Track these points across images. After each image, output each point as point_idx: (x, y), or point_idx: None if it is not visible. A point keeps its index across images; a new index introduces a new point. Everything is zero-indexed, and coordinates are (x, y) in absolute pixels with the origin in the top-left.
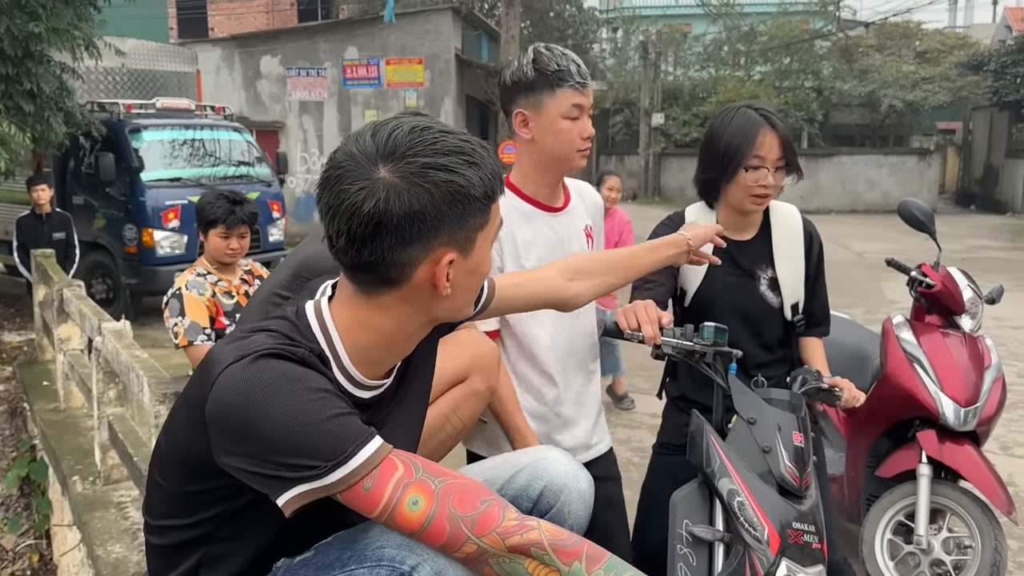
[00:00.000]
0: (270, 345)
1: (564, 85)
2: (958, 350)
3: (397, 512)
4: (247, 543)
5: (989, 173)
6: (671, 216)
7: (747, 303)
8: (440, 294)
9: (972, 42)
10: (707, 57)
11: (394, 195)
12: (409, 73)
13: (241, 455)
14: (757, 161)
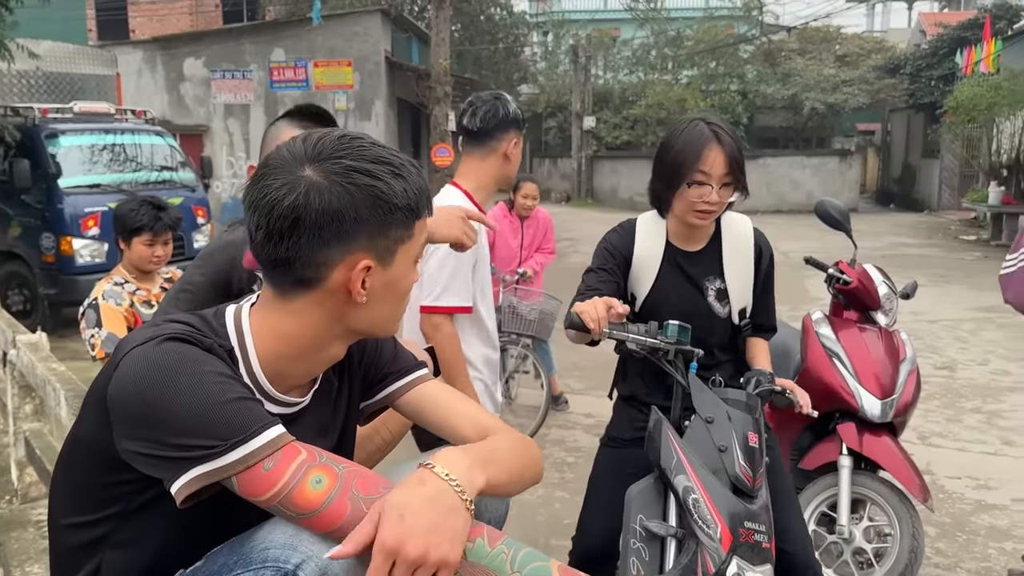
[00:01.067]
0: (178, 330)
1: (519, 127)
2: (875, 344)
3: (296, 491)
4: (143, 548)
5: (907, 173)
6: (622, 225)
7: (694, 312)
8: (355, 301)
9: (889, 46)
10: (636, 61)
11: (315, 192)
12: (338, 75)
13: (139, 438)
14: (702, 177)
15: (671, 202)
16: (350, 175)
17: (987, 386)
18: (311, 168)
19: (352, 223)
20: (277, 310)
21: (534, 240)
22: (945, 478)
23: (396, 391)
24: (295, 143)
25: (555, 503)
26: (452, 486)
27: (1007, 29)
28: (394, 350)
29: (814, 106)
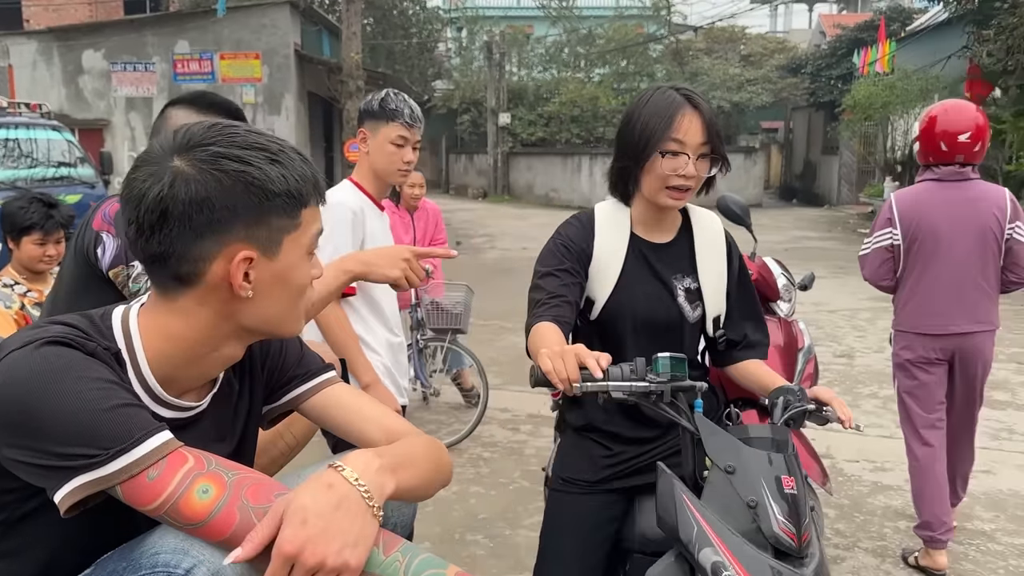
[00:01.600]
0: (59, 333)
1: (396, 120)
2: (775, 334)
3: (182, 501)
4: (30, 558)
5: (808, 169)
6: (578, 216)
7: (662, 315)
8: (238, 296)
9: (791, 46)
10: (549, 59)
11: (180, 181)
12: (245, 68)
13: (19, 446)
14: (676, 146)
15: (639, 180)
16: (217, 161)
17: (883, 372)
18: (180, 158)
19: (224, 212)
20: (163, 310)
21: (426, 233)
22: (844, 461)
23: (301, 395)
24: (167, 135)
25: (470, 499)
26: (360, 491)
27: (900, 31)
28: (300, 352)
29: (720, 104)
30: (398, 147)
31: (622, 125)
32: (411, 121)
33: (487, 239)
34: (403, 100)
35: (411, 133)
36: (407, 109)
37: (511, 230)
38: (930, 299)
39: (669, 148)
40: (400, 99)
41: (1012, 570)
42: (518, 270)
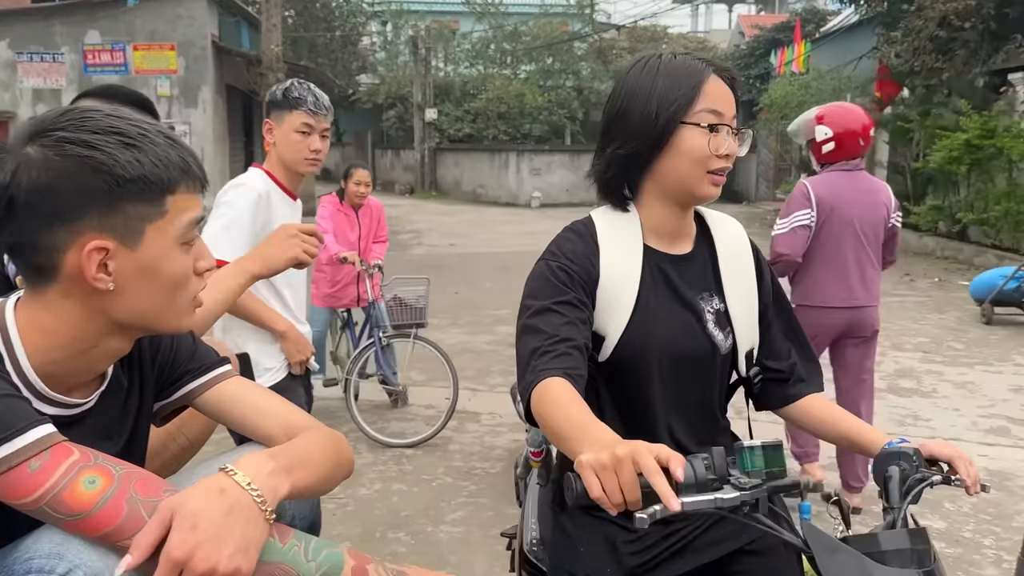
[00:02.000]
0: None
1: (300, 108)
2: None
3: (67, 491)
4: None
5: None
6: (574, 228)
7: (690, 348)
8: (96, 288)
9: (711, 46)
10: (475, 54)
11: (23, 168)
12: (160, 60)
13: None
14: (713, 117)
15: (654, 170)
16: (62, 147)
17: None
18: (30, 145)
19: (72, 199)
20: (33, 304)
21: (371, 230)
22: None
23: (194, 390)
24: (26, 123)
25: (393, 496)
26: (253, 496)
27: (815, 32)
28: (193, 346)
29: None
30: (303, 135)
31: (617, 102)
32: (315, 108)
33: (414, 235)
34: (307, 88)
35: (316, 121)
36: (311, 96)
37: (438, 226)
38: (841, 275)
39: (703, 120)
40: (304, 87)
41: None
42: (446, 266)
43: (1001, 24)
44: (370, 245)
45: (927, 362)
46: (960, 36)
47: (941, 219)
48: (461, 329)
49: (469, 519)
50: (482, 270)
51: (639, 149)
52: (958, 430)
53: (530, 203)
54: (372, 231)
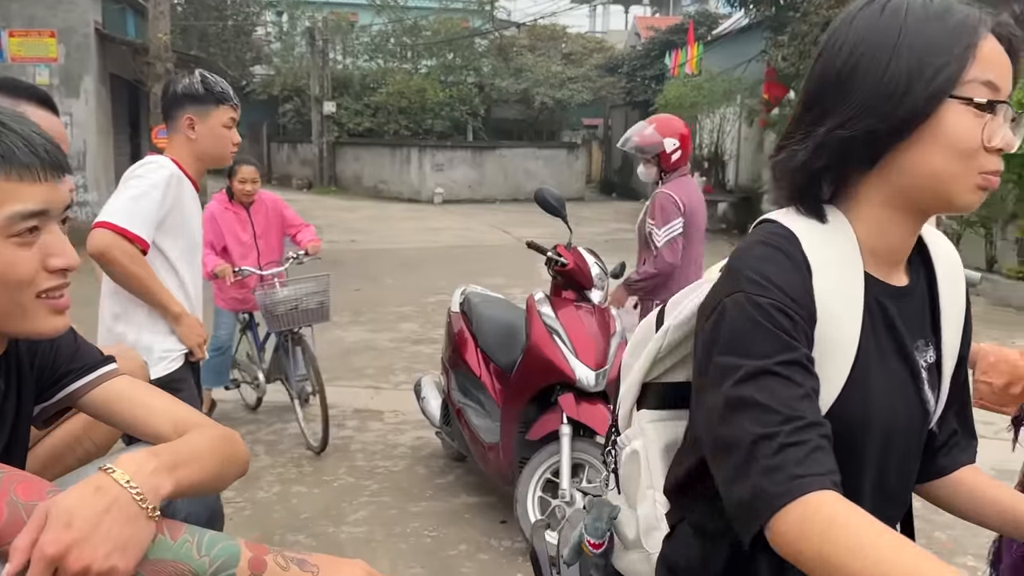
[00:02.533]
0: None
1: (226, 103)
2: (589, 321)
3: None
4: None
5: (626, 164)
6: (773, 241)
7: (904, 417)
8: None
9: (608, 46)
10: (375, 48)
11: None
12: (39, 47)
13: None
14: (989, 92)
15: (887, 164)
16: None
17: None
18: None
19: None
20: None
21: (269, 227)
22: None
23: (78, 390)
24: None
25: (292, 498)
26: (132, 494)
27: (707, 35)
28: (74, 346)
29: (544, 101)
30: (228, 129)
31: (840, 60)
32: (237, 102)
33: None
34: (223, 81)
35: (236, 114)
36: (231, 90)
37: (338, 222)
38: (695, 277)
39: (981, 94)
40: (222, 81)
41: None
42: (347, 263)
43: None
44: (272, 243)
45: None
46: None
47: None
48: (363, 327)
49: (371, 519)
50: (384, 267)
51: (875, 131)
52: None
53: (433, 199)
54: (272, 228)
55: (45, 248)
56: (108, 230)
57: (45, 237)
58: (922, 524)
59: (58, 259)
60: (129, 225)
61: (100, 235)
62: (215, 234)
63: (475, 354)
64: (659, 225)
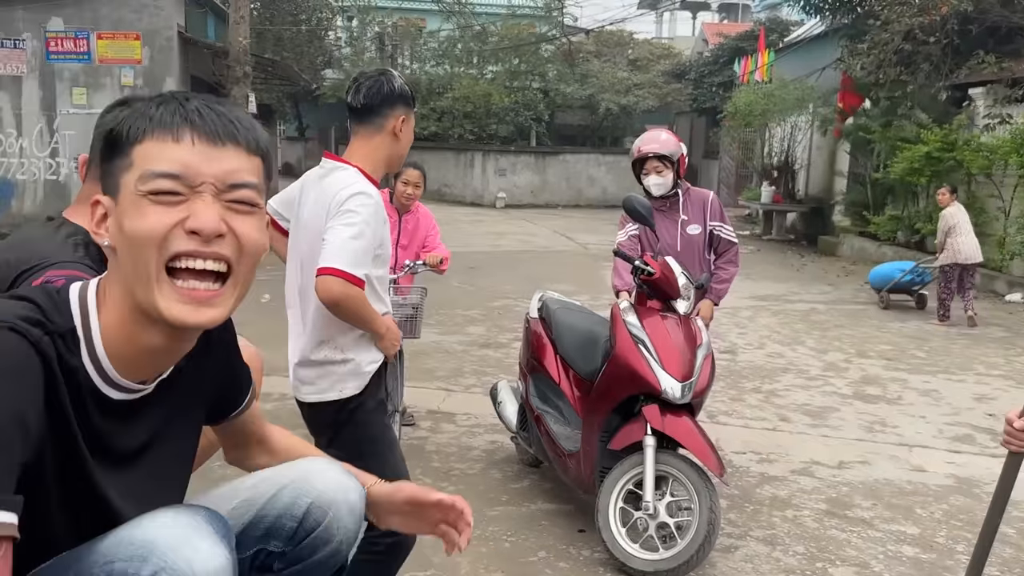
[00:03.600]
0: (19, 314)
1: (415, 107)
2: (675, 331)
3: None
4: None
5: (690, 172)
6: None
7: None
8: (111, 255)
9: (675, 53)
10: (442, 53)
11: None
12: (125, 49)
13: None
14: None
15: None
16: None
17: (764, 367)
18: None
19: (95, 160)
20: (109, 280)
21: (413, 240)
22: (732, 453)
23: (229, 423)
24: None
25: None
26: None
27: (779, 42)
28: (248, 379)
29: (609, 107)
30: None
31: None
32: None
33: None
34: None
35: None
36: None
37: None
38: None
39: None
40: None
41: (891, 554)
42: None
43: (964, 40)
44: (409, 257)
45: (891, 369)
46: (924, 50)
47: (900, 229)
48: (432, 328)
49: None
50: (449, 270)
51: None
52: (925, 437)
53: (495, 203)
54: (415, 242)
55: (188, 212)
56: (338, 277)
57: (192, 204)
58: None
59: (194, 220)
60: (354, 269)
61: (332, 283)
62: None
63: (554, 361)
64: (728, 224)
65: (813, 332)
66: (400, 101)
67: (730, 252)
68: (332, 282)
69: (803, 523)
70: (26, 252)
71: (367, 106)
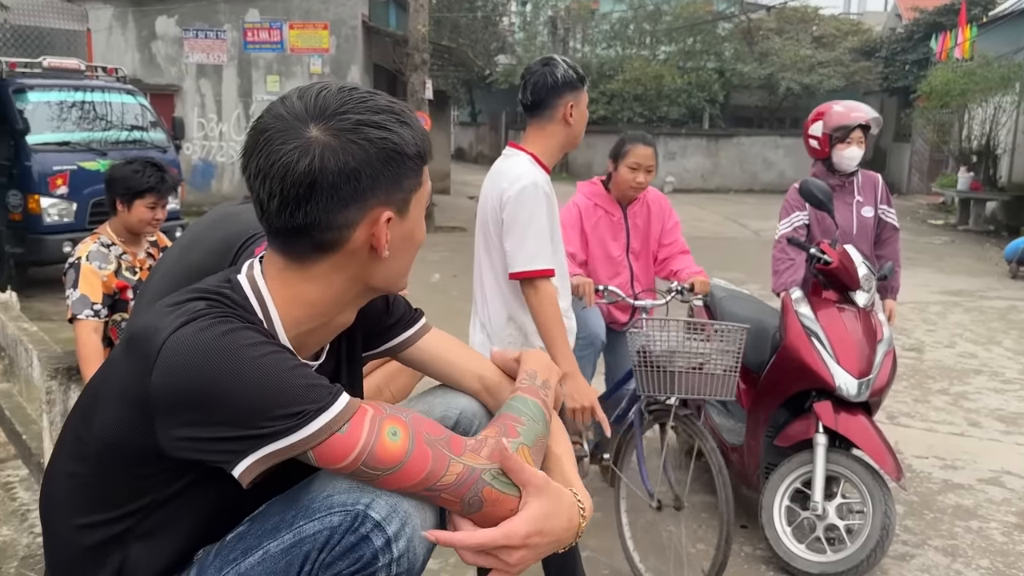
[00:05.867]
0: (215, 312)
1: (586, 83)
2: (852, 324)
3: (378, 446)
4: (170, 537)
5: (878, 156)
6: None
7: None
8: (379, 257)
9: (865, 29)
10: (614, 35)
11: (329, 152)
12: (314, 38)
13: (198, 424)
14: None
15: None
16: (360, 130)
17: (954, 368)
18: (317, 127)
19: (368, 179)
20: (295, 278)
21: (647, 239)
22: (913, 457)
23: (399, 344)
24: (290, 100)
25: None
26: (582, 524)
27: (982, 16)
28: (394, 301)
29: (790, 86)
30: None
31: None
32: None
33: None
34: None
35: None
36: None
37: None
38: None
39: None
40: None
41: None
42: None
43: None
44: (647, 264)
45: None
46: None
47: None
48: None
49: (608, 505)
50: None
51: None
52: None
53: (663, 187)
54: (651, 240)
55: None
56: (543, 277)
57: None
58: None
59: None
60: (549, 264)
61: (543, 285)
62: (573, 240)
63: None
64: (892, 209)
65: (1012, 332)
66: (566, 89)
67: (893, 239)
68: (543, 284)
69: (989, 536)
70: (237, 225)
71: (535, 101)
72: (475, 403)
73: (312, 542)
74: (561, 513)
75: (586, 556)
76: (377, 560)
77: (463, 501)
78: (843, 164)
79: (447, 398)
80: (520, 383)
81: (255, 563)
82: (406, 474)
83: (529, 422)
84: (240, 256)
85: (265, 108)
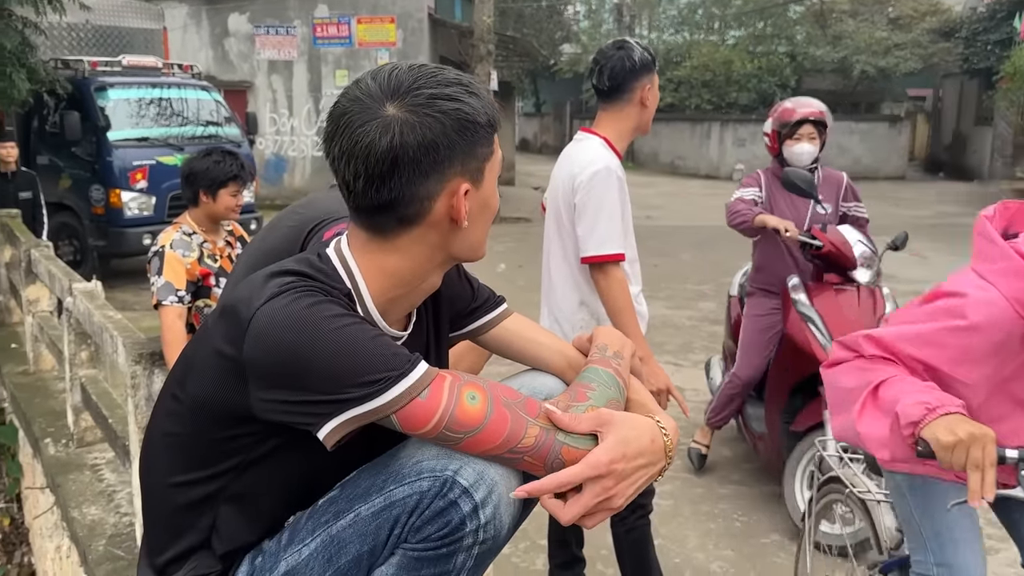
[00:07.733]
0: (302, 286)
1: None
2: (849, 304)
3: (458, 410)
4: (260, 498)
5: (957, 140)
6: None
7: None
8: (459, 227)
9: (944, 9)
10: (681, 21)
11: (407, 128)
12: (381, 32)
13: (285, 387)
14: None
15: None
16: (434, 103)
17: None
18: (392, 105)
19: (446, 150)
20: (378, 251)
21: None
22: None
23: (483, 325)
24: (364, 82)
25: None
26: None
27: None
28: (477, 284)
29: (864, 69)
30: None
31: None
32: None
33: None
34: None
35: None
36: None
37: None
38: None
39: None
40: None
41: None
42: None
43: None
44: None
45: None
46: None
47: None
48: (662, 303)
49: (678, 493)
50: (680, 243)
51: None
52: None
53: (732, 175)
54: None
55: None
56: (614, 262)
57: None
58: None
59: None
60: (620, 248)
61: (612, 270)
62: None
63: None
64: (862, 204)
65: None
66: (643, 71)
67: (864, 231)
68: (612, 268)
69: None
70: (311, 211)
71: (613, 86)
72: (560, 384)
73: (402, 506)
74: (641, 435)
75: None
76: (464, 525)
77: (546, 464)
78: (793, 159)
79: (532, 378)
80: (592, 356)
81: (346, 525)
82: (487, 436)
83: (600, 387)
84: (309, 240)
85: (340, 93)
